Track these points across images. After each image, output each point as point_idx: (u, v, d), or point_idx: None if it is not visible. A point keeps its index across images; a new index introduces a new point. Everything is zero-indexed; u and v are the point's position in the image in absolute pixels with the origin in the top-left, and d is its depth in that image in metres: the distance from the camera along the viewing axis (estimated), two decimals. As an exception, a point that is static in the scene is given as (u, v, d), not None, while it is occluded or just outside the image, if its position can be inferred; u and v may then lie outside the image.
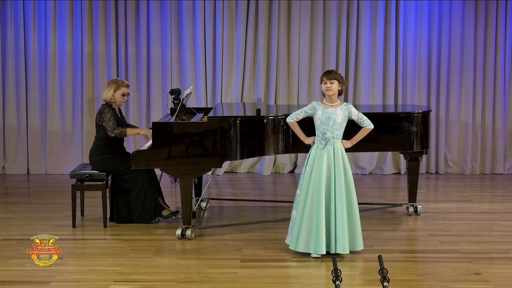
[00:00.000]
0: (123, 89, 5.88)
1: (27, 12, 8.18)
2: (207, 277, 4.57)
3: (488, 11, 8.28)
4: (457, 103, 8.41)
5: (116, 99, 5.87)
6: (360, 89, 8.34)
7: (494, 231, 5.80)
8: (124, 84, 5.91)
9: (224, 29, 8.22)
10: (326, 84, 4.94)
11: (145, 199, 5.82)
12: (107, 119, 5.77)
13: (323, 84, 4.96)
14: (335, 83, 4.94)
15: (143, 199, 5.82)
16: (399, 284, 4.43)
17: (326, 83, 4.94)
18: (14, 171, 8.38)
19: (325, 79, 4.94)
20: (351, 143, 5.09)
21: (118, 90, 5.86)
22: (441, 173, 8.49)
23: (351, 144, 5.08)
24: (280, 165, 8.53)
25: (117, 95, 5.86)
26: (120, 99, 5.88)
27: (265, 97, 8.35)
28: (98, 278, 4.55)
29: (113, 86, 5.87)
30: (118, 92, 5.85)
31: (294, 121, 5.15)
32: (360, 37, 8.28)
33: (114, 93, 5.85)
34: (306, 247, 4.94)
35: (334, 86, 4.94)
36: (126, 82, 5.94)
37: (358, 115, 5.03)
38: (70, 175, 5.78)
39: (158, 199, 5.92)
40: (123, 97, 5.89)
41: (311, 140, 5.09)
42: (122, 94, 5.87)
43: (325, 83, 4.94)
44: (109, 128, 5.76)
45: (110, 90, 5.86)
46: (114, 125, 5.77)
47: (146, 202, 5.83)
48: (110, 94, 5.85)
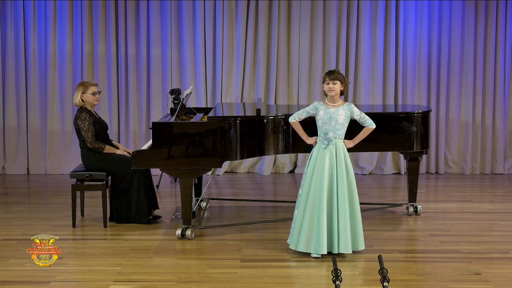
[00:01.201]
0: (92, 88, 5.86)
1: (27, 12, 8.18)
2: (207, 277, 4.57)
3: (488, 11, 8.28)
4: (457, 103, 8.41)
5: (88, 100, 5.86)
6: (360, 89, 8.35)
7: (494, 231, 5.80)
8: (91, 83, 5.89)
9: (224, 29, 8.22)
10: (328, 85, 4.94)
11: (138, 198, 5.80)
12: (85, 128, 5.76)
13: (326, 85, 4.95)
14: (337, 83, 4.94)
15: (136, 198, 5.80)
16: (399, 284, 4.43)
17: (328, 84, 4.94)
18: (14, 171, 8.38)
19: (327, 79, 4.94)
20: (353, 143, 5.09)
21: (87, 90, 5.85)
22: (441, 173, 8.49)
23: (353, 143, 5.08)
24: (280, 165, 8.53)
25: (87, 95, 5.84)
26: (91, 99, 5.87)
27: (265, 97, 8.35)
28: (98, 278, 4.55)
29: (80, 88, 5.86)
30: (88, 92, 5.84)
31: (297, 121, 5.16)
32: (360, 37, 8.28)
33: (83, 95, 5.84)
34: (306, 246, 4.94)
35: (336, 87, 4.94)
36: (93, 82, 5.93)
37: (360, 115, 5.03)
38: (70, 175, 5.78)
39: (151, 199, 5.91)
40: (95, 96, 5.87)
41: (313, 140, 5.09)
42: (92, 93, 5.85)
43: (327, 84, 4.94)
44: (88, 139, 5.77)
45: (78, 93, 5.85)
46: (93, 137, 5.78)
47: (140, 202, 5.82)
48: (78, 98, 5.85)
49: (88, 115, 5.81)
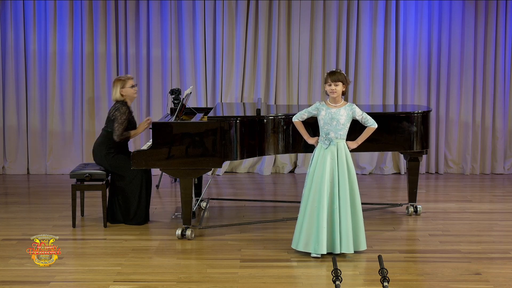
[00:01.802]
0: (130, 82, 5.86)
1: (27, 12, 8.17)
2: (207, 277, 4.57)
3: (488, 11, 8.28)
4: (457, 103, 8.41)
5: (128, 93, 5.84)
6: (360, 89, 8.34)
7: (494, 231, 5.80)
8: (128, 77, 5.89)
9: (224, 29, 8.22)
10: (330, 86, 4.93)
11: (139, 200, 5.79)
12: (121, 121, 5.73)
13: (328, 86, 4.95)
14: (339, 85, 4.93)
15: (137, 201, 5.79)
16: (399, 284, 4.43)
17: (330, 85, 4.93)
18: (14, 171, 8.38)
19: (329, 80, 4.93)
20: (357, 144, 5.09)
21: (125, 84, 5.84)
22: (441, 173, 8.49)
23: (356, 144, 5.08)
24: (280, 165, 8.53)
25: (127, 89, 5.83)
26: (131, 92, 5.86)
27: (265, 97, 8.35)
28: (98, 278, 4.54)
29: (118, 83, 5.84)
30: (126, 86, 5.83)
31: (299, 120, 5.16)
32: (360, 37, 8.28)
33: (122, 90, 5.82)
34: (306, 246, 4.95)
35: (338, 88, 4.93)
36: (128, 75, 5.92)
37: (362, 115, 5.03)
38: (70, 175, 5.78)
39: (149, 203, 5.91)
40: (133, 89, 5.87)
41: (314, 140, 5.09)
42: (131, 86, 5.85)
43: (329, 85, 4.93)
44: (117, 132, 5.73)
45: (117, 88, 5.83)
46: (122, 131, 5.75)
47: (141, 203, 5.81)
48: (118, 93, 5.83)
49: (127, 111, 5.80)
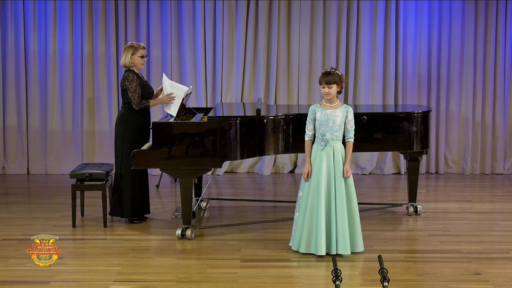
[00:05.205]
0: (141, 51, 5.81)
1: (27, 12, 8.17)
2: (207, 277, 4.57)
3: (488, 11, 8.28)
4: (457, 103, 8.40)
5: (135, 61, 5.79)
6: (360, 89, 8.34)
7: (494, 231, 5.80)
8: (141, 46, 5.83)
9: (224, 29, 8.22)
10: (324, 89, 4.94)
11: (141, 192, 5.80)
12: (132, 89, 5.69)
13: (321, 88, 4.96)
14: (333, 87, 4.93)
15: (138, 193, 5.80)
16: (399, 284, 4.43)
17: (324, 88, 4.94)
18: (14, 171, 8.38)
19: (323, 83, 4.94)
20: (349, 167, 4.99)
21: (136, 52, 5.79)
22: (441, 173, 8.49)
23: (350, 169, 5.00)
24: (280, 165, 8.53)
25: (136, 57, 5.79)
26: (139, 62, 5.81)
27: (265, 97, 8.35)
28: (98, 278, 4.55)
29: (130, 50, 5.79)
30: (136, 54, 5.79)
31: (310, 139, 5.06)
32: (360, 37, 8.28)
33: (132, 56, 5.79)
34: (307, 248, 4.96)
35: (332, 91, 4.94)
36: (141, 44, 5.86)
37: (351, 122, 5.01)
38: (70, 175, 5.78)
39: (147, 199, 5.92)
40: (142, 59, 5.82)
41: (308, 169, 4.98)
42: (141, 56, 5.80)
43: (323, 88, 4.94)
44: (134, 101, 5.69)
45: (128, 54, 5.77)
46: (139, 98, 5.71)
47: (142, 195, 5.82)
48: (128, 59, 5.77)
49: (135, 77, 5.75)
